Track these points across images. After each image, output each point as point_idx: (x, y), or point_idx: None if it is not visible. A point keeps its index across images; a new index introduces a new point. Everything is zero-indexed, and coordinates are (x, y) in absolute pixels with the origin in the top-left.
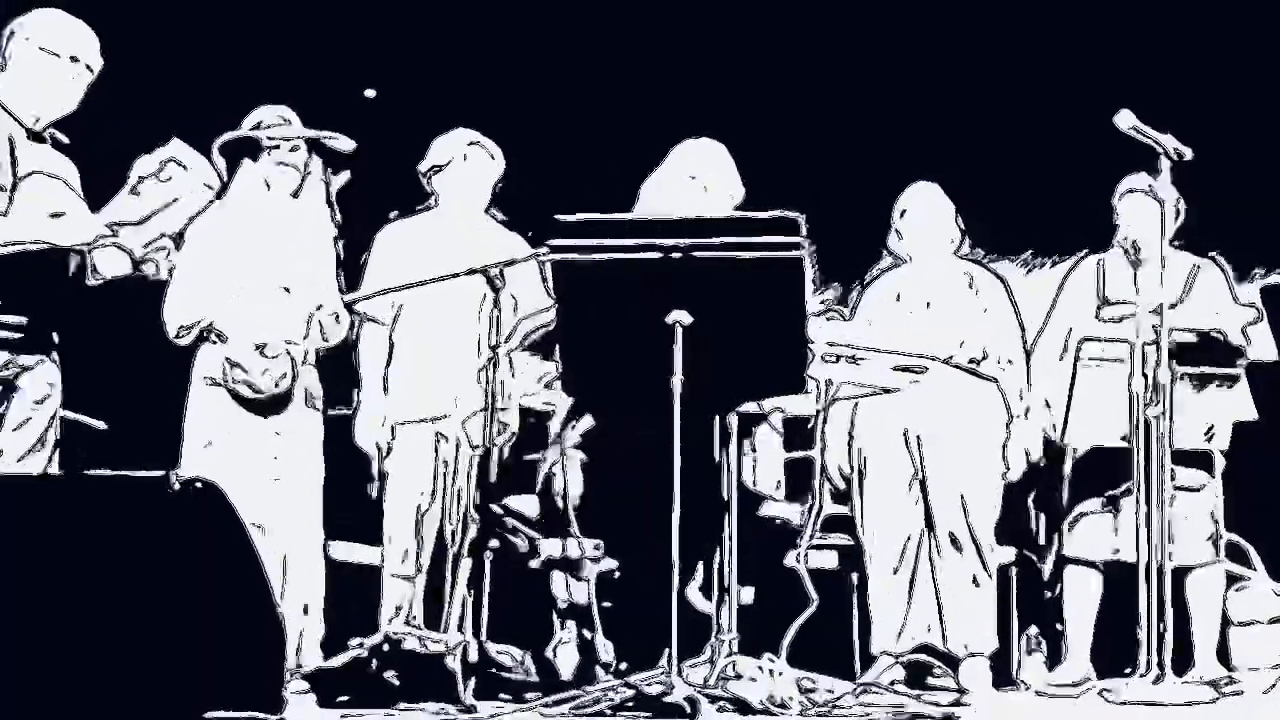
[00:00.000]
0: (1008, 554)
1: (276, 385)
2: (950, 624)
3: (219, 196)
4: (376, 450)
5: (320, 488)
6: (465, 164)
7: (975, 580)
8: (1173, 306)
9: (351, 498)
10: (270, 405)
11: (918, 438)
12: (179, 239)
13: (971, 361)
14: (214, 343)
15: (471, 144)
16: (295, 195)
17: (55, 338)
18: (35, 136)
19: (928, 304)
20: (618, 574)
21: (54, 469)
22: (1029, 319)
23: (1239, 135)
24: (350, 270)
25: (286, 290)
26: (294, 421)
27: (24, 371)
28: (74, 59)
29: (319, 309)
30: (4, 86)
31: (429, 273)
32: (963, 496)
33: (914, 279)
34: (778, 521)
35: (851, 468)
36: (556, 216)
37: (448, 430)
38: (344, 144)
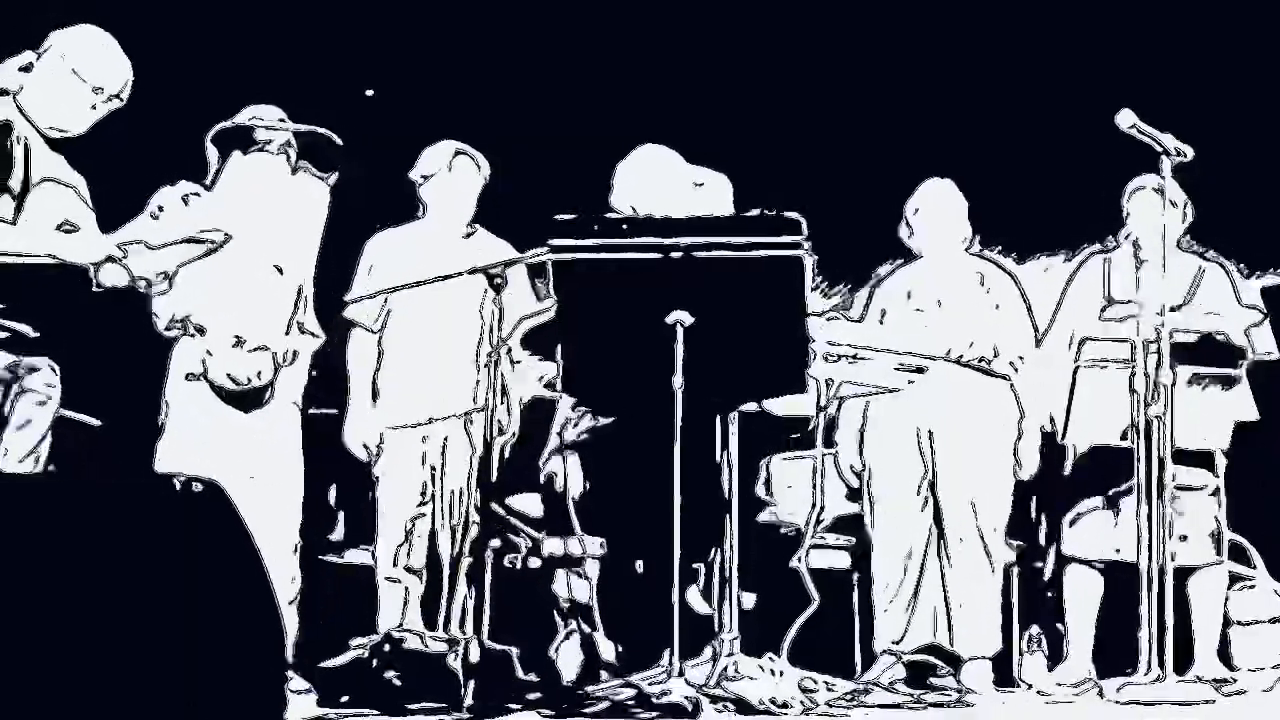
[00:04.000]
0: (1008, 554)
1: (257, 376)
2: (956, 624)
3: (209, 187)
4: (366, 453)
5: (300, 485)
6: (451, 174)
7: (982, 581)
8: (1177, 307)
9: (352, 498)
10: (249, 400)
11: (929, 436)
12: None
13: (982, 359)
14: (193, 336)
15: (457, 154)
16: (294, 173)
17: (56, 339)
18: (51, 144)
19: (939, 301)
20: (611, 564)
21: (54, 469)
22: (1038, 316)
23: (1239, 135)
24: (341, 276)
25: (279, 270)
26: (273, 417)
27: (29, 373)
28: (98, 90)
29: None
30: (27, 91)
31: (421, 278)
32: (972, 496)
33: (925, 276)
34: (782, 530)
35: (863, 466)
36: (556, 216)
37: (436, 434)
38: (331, 139)
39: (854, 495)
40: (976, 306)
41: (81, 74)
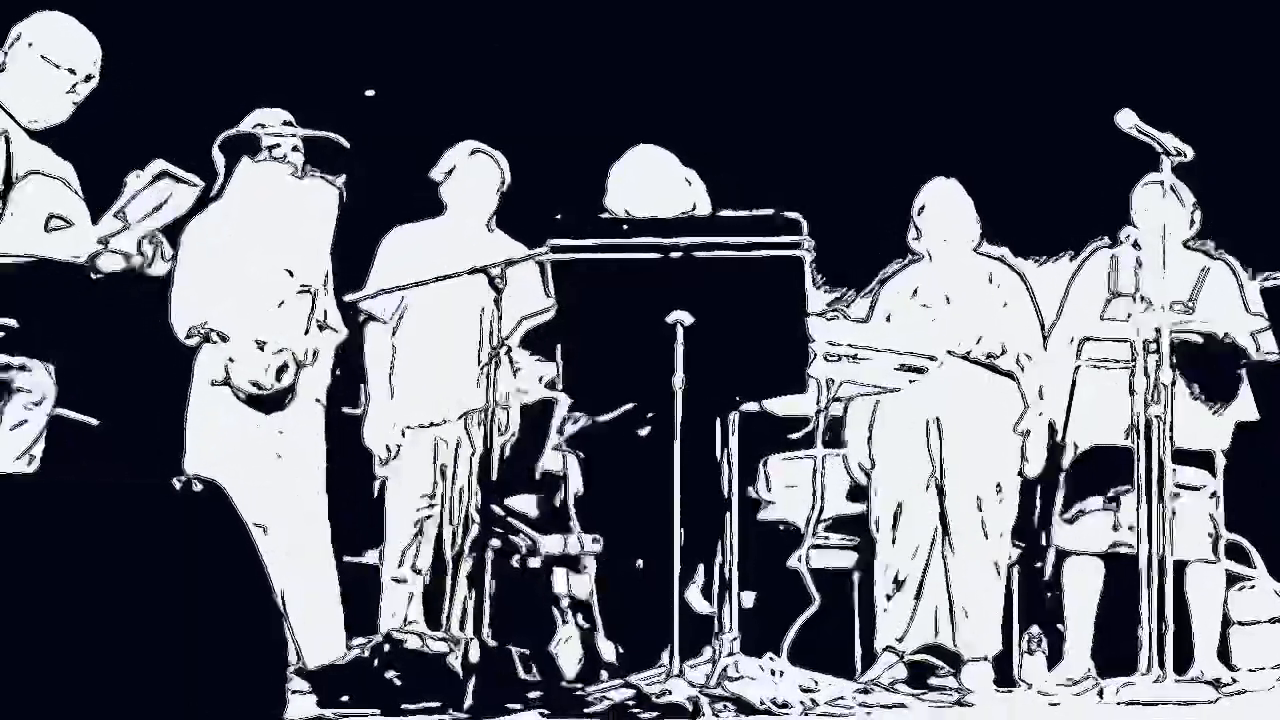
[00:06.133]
0: (1010, 553)
1: (279, 380)
2: (959, 623)
3: (218, 195)
4: (387, 451)
5: (323, 485)
6: (468, 173)
7: (986, 580)
8: (1184, 307)
9: (353, 498)
10: (273, 403)
11: (938, 434)
12: (172, 235)
13: (989, 356)
14: (215, 343)
15: (474, 153)
16: (301, 177)
17: (52, 338)
18: (34, 136)
19: (947, 299)
20: (610, 564)
21: (35, 468)
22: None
23: (1239, 135)
24: (356, 273)
25: (290, 273)
26: (296, 419)
27: (20, 372)
28: (71, 71)
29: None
30: (3, 87)
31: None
32: (979, 495)
33: (933, 275)
34: (781, 528)
35: (871, 464)
36: (557, 216)
37: (447, 434)
38: (339, 142)
39: (857, 494)
40: (984, 303)
41: (52, 60)
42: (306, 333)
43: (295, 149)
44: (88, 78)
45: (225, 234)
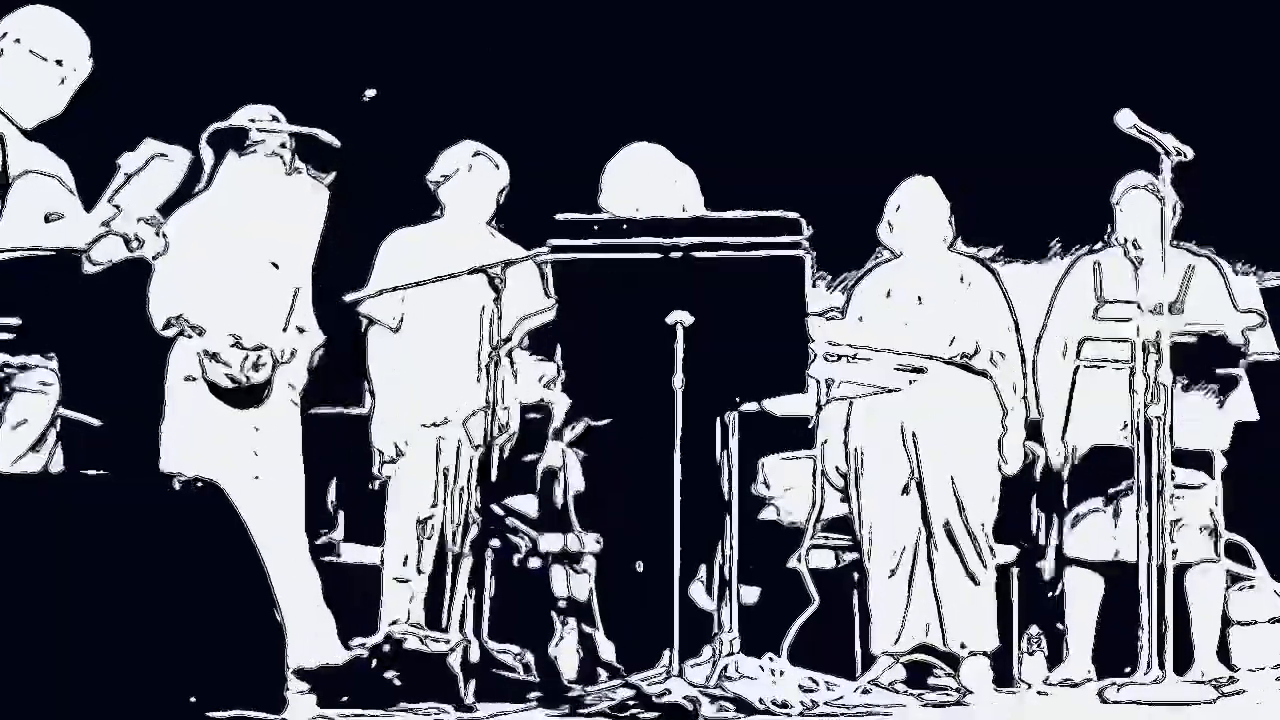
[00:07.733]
0: (1008, 554)
1: (256, 373)
2: (949, 622)
3: (204, 189)
4: (395, 450)
5: (301, 483)
6: (470, 174)
7: (973, 578)
8: (1173, 307)
9: (352, 498)
10: (248, 399)
11: (914, 435)
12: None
13: (963, 355)
14: (189, 337)
15: (476, 154)
16: (290, 173)
17: (53, 337)
18: (27, 134)
19: (919, 298)
20: (610, 564)
21: (53, 468)
22: (1030, 316)
23: (1239, 135)
24: (355, 276)
25: (275, 266)
26: (272, 416)
27: (21, 371)
28: (60, 63)
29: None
30: None
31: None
32: (959, 493)
33: (905, 273)
34: (785, 525)
35: (849, 467)
36: (556, 216)
37: (449, 434)
38: (328, 140)
39: (845, 496)
40: (956, 303)
41: (40, 53)
42: (285, 330)
43: (283, 145)
44: (76, 69)
45: (208, 227)
